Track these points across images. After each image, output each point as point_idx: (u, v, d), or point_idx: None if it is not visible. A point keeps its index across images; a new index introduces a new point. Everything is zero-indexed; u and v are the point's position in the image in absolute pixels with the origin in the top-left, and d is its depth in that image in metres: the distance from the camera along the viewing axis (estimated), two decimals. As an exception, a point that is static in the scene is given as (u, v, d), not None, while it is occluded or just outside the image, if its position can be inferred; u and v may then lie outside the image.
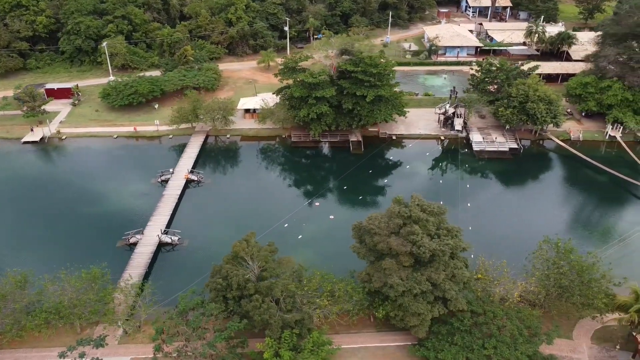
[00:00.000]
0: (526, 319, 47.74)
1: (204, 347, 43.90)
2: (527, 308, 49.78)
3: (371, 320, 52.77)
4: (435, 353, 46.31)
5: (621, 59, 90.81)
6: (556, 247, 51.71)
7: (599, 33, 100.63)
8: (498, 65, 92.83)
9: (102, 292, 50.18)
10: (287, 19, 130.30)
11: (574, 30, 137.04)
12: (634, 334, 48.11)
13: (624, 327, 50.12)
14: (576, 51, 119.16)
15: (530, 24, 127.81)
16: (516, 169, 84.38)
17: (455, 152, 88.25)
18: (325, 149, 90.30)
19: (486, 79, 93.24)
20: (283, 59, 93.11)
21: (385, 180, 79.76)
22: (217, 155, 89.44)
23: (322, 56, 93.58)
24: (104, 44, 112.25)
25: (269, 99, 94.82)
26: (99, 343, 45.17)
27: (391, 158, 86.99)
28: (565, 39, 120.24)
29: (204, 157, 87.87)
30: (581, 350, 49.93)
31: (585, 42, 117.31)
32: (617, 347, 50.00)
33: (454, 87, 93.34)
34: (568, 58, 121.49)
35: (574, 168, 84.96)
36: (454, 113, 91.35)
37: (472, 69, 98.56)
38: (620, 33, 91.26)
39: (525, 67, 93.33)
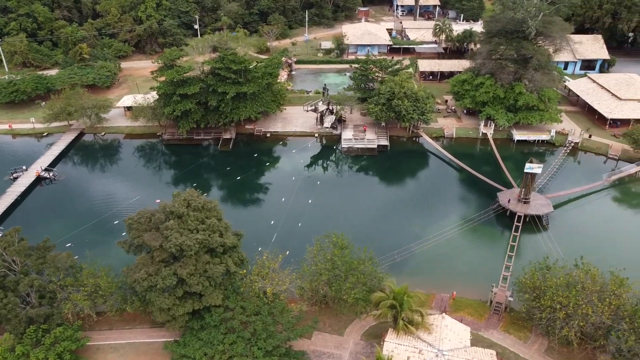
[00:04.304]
0: (279, 314, 47.37)
1: None
2: (284, 303, 49.16)
3: (151, 316, 52.42)
4: (181, 348, 45.99)
5: (494, 56, 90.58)
6: (333, 242, 51.40)
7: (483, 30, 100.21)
8: (377, 64, 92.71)
9: None
10: (197, 16, 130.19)
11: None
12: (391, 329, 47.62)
13: (389, 323, 49.79)
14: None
15: (437, 22, 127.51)
16: (377, 166, 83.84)
17: (323, 149, 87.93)
18: (196, 146, 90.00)
19: (362, 77, 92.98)
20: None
21: (238, 178, 79.22)
22: (85, 152, 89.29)
23: (195, 53, 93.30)
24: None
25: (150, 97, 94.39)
26: None
27: (256, 156, 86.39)
28: (468, 36, 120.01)
29: (72, 154, 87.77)
30: (346, 347, 49.52)
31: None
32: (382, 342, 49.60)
33: (325, 85, 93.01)
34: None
35: (436, 165, 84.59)
36: (326, 110, 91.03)
37: (351, 66, 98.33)
38: (494, 30, 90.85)
39: (399, 65, 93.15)
